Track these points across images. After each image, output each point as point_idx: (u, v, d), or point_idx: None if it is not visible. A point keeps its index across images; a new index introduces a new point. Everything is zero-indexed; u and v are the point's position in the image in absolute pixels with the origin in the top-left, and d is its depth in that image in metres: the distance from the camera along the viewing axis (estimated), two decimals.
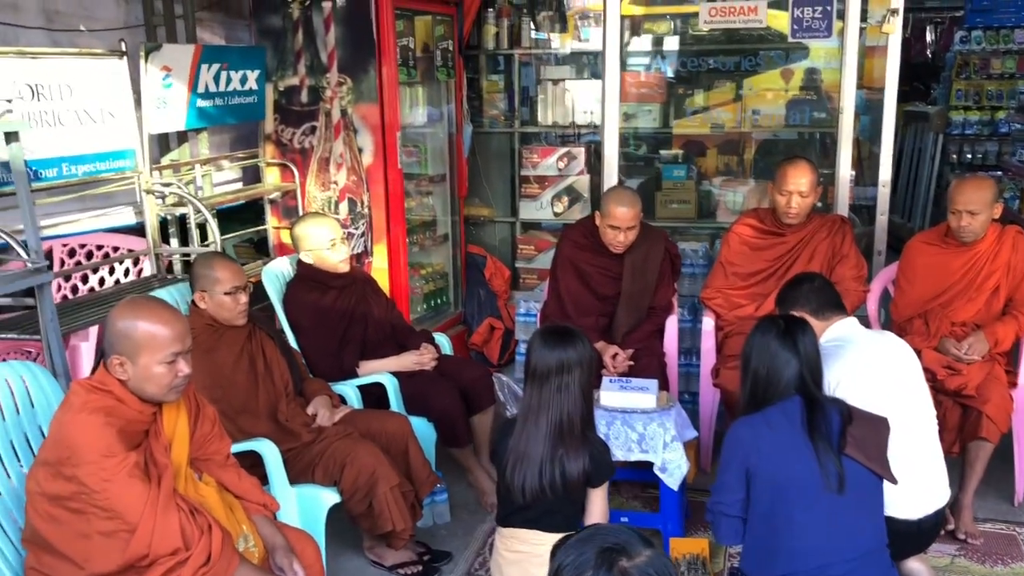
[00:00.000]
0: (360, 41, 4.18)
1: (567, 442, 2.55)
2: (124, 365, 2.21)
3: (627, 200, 3.70)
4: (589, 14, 5.29)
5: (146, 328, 2.21)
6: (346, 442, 3.04)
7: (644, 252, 3.82)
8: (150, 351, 2.21)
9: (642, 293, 3.86)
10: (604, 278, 3.85)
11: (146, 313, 2.24)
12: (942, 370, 3.46)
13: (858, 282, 3.81)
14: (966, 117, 8.45)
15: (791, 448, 2.34)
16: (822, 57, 5.16)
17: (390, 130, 4.26)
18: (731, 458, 2.42)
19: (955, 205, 3.60)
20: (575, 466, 2.54)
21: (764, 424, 2.40)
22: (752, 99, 5.15)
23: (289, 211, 4.49)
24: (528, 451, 2.56)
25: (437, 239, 5.02)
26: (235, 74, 4.08)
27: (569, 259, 3.89)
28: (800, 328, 2.50)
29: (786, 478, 2.33)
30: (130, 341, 2.20)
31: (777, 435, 2.37)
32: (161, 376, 2.24)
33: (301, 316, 3.61)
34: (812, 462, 2.32)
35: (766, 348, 2.47)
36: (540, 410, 2.57)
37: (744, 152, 5.41)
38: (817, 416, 2.37)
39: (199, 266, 3.08)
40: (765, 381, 2.45)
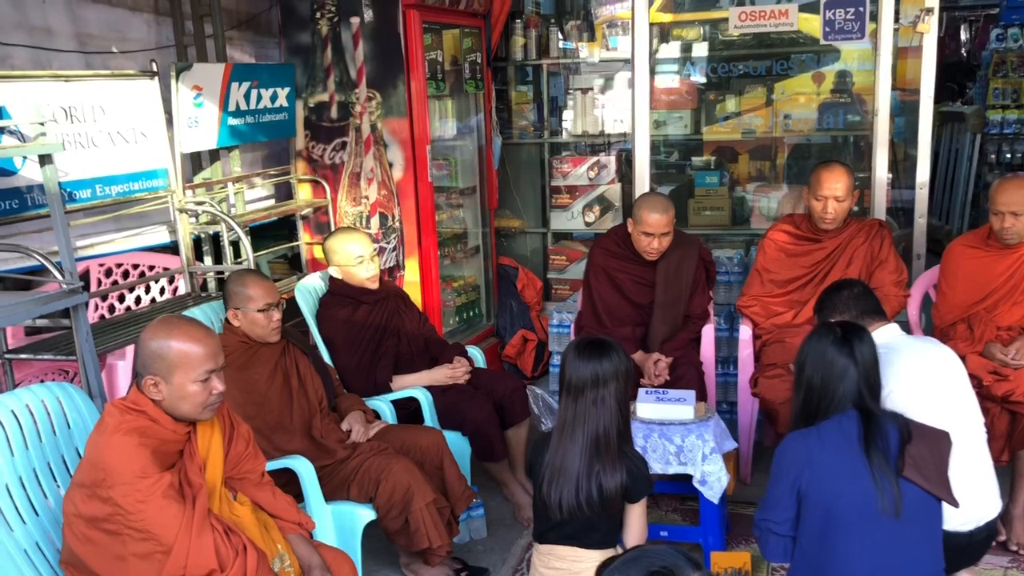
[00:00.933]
0: (389, 56, 4.19)
1: (604, 456, 2.51)
2: (159, 385, 2.21)
3: (660, 206, 3.65)
4: (617, 23, 5.27)
5: (179, 347, 2.21)
6: (381, 458, 3.02)
7: (677, 259, 3.77)
8: (184, 370, 2.21)
9: (676, 301, 3.81)
10: (637, 286, 3.80)
11: (179, 332, 2.24)
12: (988, 376, 3.37)
13: (898, 287, 3.74)
14: (1004, 116, 8.28)
15: (846, 468, 2.23)
16: (854, 59, 5.09)
17: (420, 144, 4.26)
18: (781, 475, 2.32)
19: (997, 206, 3.51)
20: (612, 481, 2.51)
21: (817, 440, 2.29)
22: (783, 103, 5.10)
23: (321, 227, 4.50)
24: (564, 466, 2.53)
25: (468, 251, 5.01)
26: (265, 92, 4.10)
27: (601, 267, 3.86)
28: (858, 335, 2.38)
29: (840, 500, 2.22)
30: (164, 361, 2.20)
31: (831, 453, 2.26)
32: (196, 394, 2.24)
33: (334, 332, 3.61)
34: (868, 484, 2.20)
35: (821, 356, 2.35)
36: (576, 424, 2.54)
37: (776, 157, 5.34)
38: (874, 433, 2.26)
39: (232, 284, 3.08)
40: (820, 392, 2.34)
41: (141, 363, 2.22)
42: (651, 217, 3.63)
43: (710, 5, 5.32)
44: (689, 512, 3.64)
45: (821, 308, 3.00)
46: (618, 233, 3.90)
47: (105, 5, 3.79)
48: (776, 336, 3.81)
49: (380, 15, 4.16)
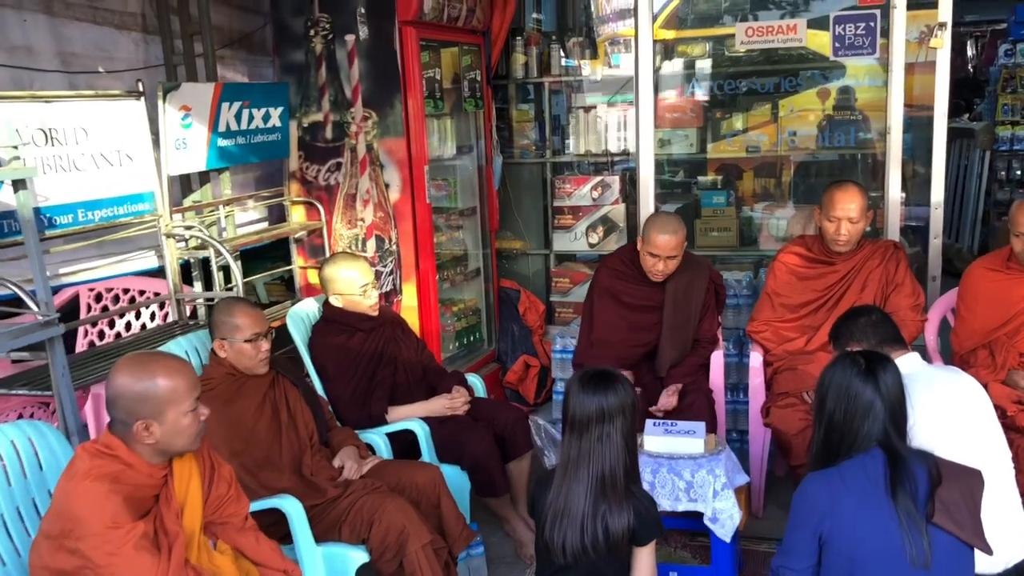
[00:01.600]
0: (385, 74, 4.06)
1: (610, 497, 2.37)
2: (151, 427, 2.10)
3: (670, 227, 3.51)
4: (619, 40, 5.15)
5: (167, 384, 2.11)
6: (374, 497, 2.86)
7: (686, 281, 3.63)
8: (176, 405, 2.12)
9: (685, 325, 3.67)
10: (644, 308, 3.66)
11: (160, 369, 2.12)
12: (1012, 405, 3.21)
13: (915, 311, 3.59)
14: (1014, 132, 8.16)
15: (872, 514, 2.06)
16: (861, 75, 4.96)
17: (417, 164, 4.12)
18: (802, 521, 2.15)
19: (1019, 227, 3.37)
20: (619, 523, 2.37)
21: (840, 483, 2.12)
22: (788, 120, 4.98)
23: (315, 250, 4.36)
24: (568, 506, 2.39)
25: (468, 274, 4.86)
26: (257, 112, 3.97)
27: (607, 289, 3.72)
28: (883, 365, 2.21)
29: (865, 550, 2.05)
30: (153, 401, 2.09)
31: (856, 498, 2.09)
32: (189, 426, 2.16)
33: (326, 360, 3.46)
34: (895, 532, 2.04)
35: (845, 389, 2.18)
36: (580, 462, 2.41)
37: (782, 175, 5.21)
38: (902, 475, 2.08)
39: (218, 313, 2.94)
40: (842, 428, 2.17)
41: (125, 410, 2.09)
42: (659, 238, 3.49)
43: (713, 21, 5.20)
44: (699, 549, 3.47)
45: (837, 336, 2.86)
46: (626, 252, 3.77)
47: (90, 23, 3.67)
48: (788, 363, 3.67)
49: (376, 33, 4.04)
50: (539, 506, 2.49)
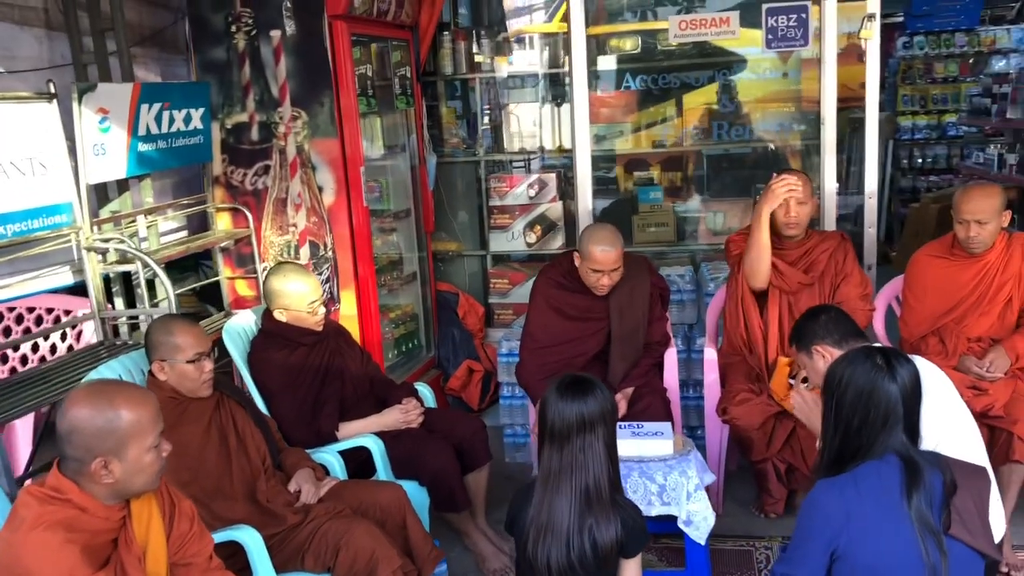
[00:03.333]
0: (315, 71, 3.85)
1: (596, 509, 2.29)
2: (110, 466, 1.87)
3: (608, 239, 3.37)
4: (523, 36, 5.08)
5: (130, 416, 1.90)
6: (338, 522, 2.68)
7: (629, 289, 3.52)
8: (139, 440, 1.91)
9: (634, 333, 3.56)
10: (587, 319, 3.54)
11: (122, 400, 1.91)
12: (967, 391, 3.24)
13: (864, 301, 3.60)
14: (915, 122, 8.47)
15: (889, 527, 1.95)
16: (762, 68, 5.04)
17: (353, 165, 3.93)
18: (814, 532, 2.01)
19: (962, 215, 3.42)
20: (607, 535, 2.28)
21: (855, 492, 1.98)
22: (691, 116, 5.06)
23: (243, 259, 4.11)
24: (552, 521, 2.29)
25: (405, 279, 4.68)
26: (178, 113, 3.70)
27: (547, 300, 3.57)
28: (902, 365, 2.04)
29: (884, 563, 1.94)
30: (114, 436, 1.87)
31: (873, 508, 1.97)
32: (152, 463, 1.95)
33: (269, 377, 3.25)
34: (914, 544, 1.93)
35: (868, 392, 2.02)
36: (562, 474, 2.31)
37: (687, 169, 5.26)
38: (919, 485, 1.97)
39: (156, 332, 2.70)
40: (857, 433, 2.03)
41: (82, 447, 1.86)
42: (600, 253, 3.36)
43: (615, 18, 5.21)
44: (667, 552, 3.40)
45: (800, 336, 2.82)
46: (563, 265, 3.60)
47: None
48: (738, 356, 3.63)
49: (303, 28, 3.82)
50: (520, 522, 2.38)
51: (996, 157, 5.97)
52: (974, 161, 6.61)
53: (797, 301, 3.54)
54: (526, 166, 5.12)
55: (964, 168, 7.19)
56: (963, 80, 8.22)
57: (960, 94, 8.20)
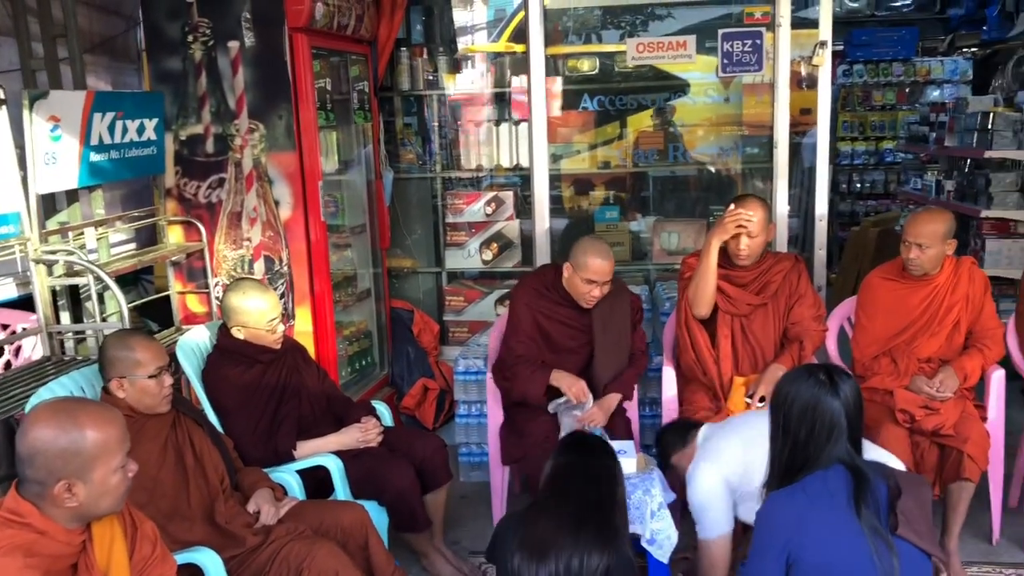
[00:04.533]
0: (273, 83, 3.79)
1: (589, 534, 2.30)
2: (74, 488, 1.80)
3: (604, 251, 3.42)
4: (470, 56, 5.11)
5: (96, 436, 1.82)
6: (300, 543, 2.62)
7: (610, 303, 3.54)
8: (105, 461, 1.84)
9: (618, 344, 3.57)
10: (570, 331, 3.54)
11: (87, 419, 1.83)
12: (920, 410, 3.33)
13: (817, 322, 3.65)
14: (853, 148, 8.70)
15: (839, 531, 2.03)
16: (701, 92, 5.15)
17: (311, 179, 3.87)
18: (769, 542, 2.09)
19: (906, 236, 3.51)
20: (597, 562, 2.27)
21: (805, 500, 2.08)
22: (632, 138, 5.14)
23: (195, 273, 4.02)
24: (542, 545, 2.28)
25: (359, 295, 4.62)
26: (131, 123, 3.61)
27: (529, 307, 3.55)
28: (843, 379, 2.15)
29: (836, 566, 2.02)
30: (80, 458, 1.80)
31: (822, 514, 2.05)
32: (119, 484, 1.88)
33: (225, 395, 3.17)
34: (864, 547, 2.01)
35: (811, 407, 2.11)
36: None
37: (632, 190, 5.34)
38: (865, 491, 2.06)
39: (113, 348, 2.61)
40: (804, 446, 2.11)
41: (44, 468, 1.78)
42: (597, 264, 3.38)
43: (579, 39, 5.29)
44: None
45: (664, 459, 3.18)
46: (545, 277, 3.61)
47: None
48: (694, 373, 3.66)
49: (262, 39, 3.76)
50: (504, 549, 2.36)
51: (934, 183, 6.15)
52: (912, 187, 6.80)
53: (750, 323, 3.58)
54: (476, 183, 5.11)
55: (902, 193, 7.40)
56: (900, 108, 8.47)
57: (897, 121, 8.45)
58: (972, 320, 3.53)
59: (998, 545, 3.51)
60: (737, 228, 3.45)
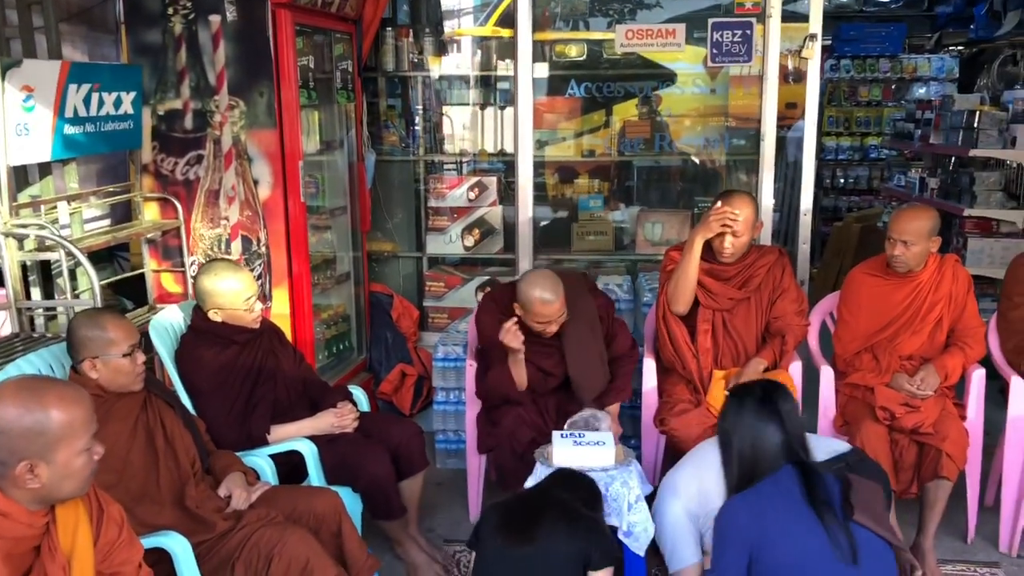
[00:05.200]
0: (254, 60, 3.71)
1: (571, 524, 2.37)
2: (36, 470, 1.74)
3: (549, 289, 3.22)
4: (455, 39, 5.04)
5: (60, 416, 1.76)
6: (271, 529, 2.56)
7: (577, 331, 3.39)
8: (69, 442, 1.78)
9: (596, 360, 3.45)
10: (541, 355, 3.40)
11: (52, 398, 1.77)
12: (900, 408, 3.32)
13: (800, 316, 3.62)
14: (839, 143, 8.70)
15: (795, 524, 2.14)
16: (689, 83, 5.11)
17: (291, 159, 3.80)
18: (729, 541, 2.20)
19: (891, 233, 3.49)
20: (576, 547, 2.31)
21: (758, 499, 2.20)
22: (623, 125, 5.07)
23: (170, 251, 3.94)
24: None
25: (338, 278, 4.55)
26: (108, 96, 3.53)
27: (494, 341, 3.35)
28: (779, 393, 2.38)
29: (795, 559, 2.10)
30: (43, 438, 1.74)
31: (777, 511, 2.17)
32: (83, 467, 1.82)
33: (198, 376, 3.10)
34: (821, 536, 2.11)
35: (746, 423, 2.33)
36: None
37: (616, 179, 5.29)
38: (815, 484, 2.19)
39: (84, 327, 2.54)
40: (751, 460, 2.30)
41: (6, 449, 1.73)
42: (543, 308, 3.23)
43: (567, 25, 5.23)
44: None
45: None
46: (502, 302, 3.44)
47: None
48: (674, 366, 3.63)
49: (244, 14, 3.67)
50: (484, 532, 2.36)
51: (918, 181, 6.15)
52: (896, 183, 6.80)
53: (732, 317, 3.55)
54: (459, 168, 5.05)
55: (885, 190, 7.40)
56: (886, 104, 8.48)
57: (882, 117, 8.46)
58: (954, 318, 3.52)
59: (973, 544, 3.51)
60: (722, 227, 3.41)
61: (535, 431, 3.32)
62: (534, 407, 3.40)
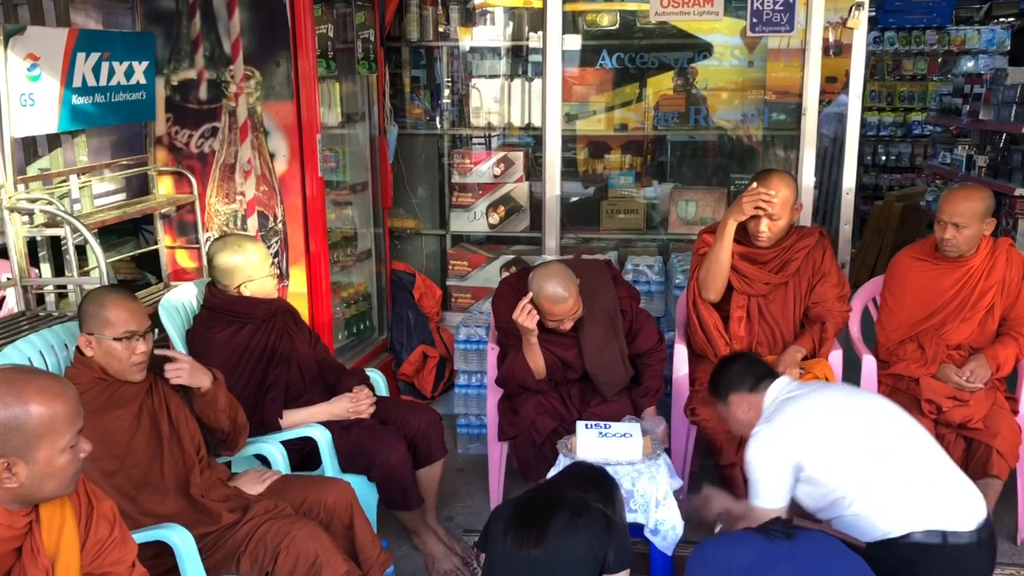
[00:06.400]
0: (272, 28, 3.57)
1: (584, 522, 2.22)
2: (15, 468, 1.62)
3: (560, 286, 3.03)
4: (488, 10, 4.82)
5: (41, 412, 1.64)
6: (279, 522, 2.44)
7: (595, 328, 3.21)
8: (51, 439, 1.66)
9: (614, 360, 3.25)
10: (560, 345, 3.23)
11: (32, 392, 1.64)
12: (947, 401, 3.14)
13: (841, 302, 3.43)
14: (880, 119, 8.40)
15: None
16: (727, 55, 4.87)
17: (308, 132, 3.65)
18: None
19: (941, 215, 3.29)
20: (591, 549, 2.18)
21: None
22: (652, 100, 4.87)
23: (185, 227, 3.82)
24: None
25: (358, 256, 4.41)
26: (119, 65, 3.39)
27: (512, 331, 3.21)
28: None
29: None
30: (22, 435, 1.62)
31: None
32: (67, 466, 1.70)
33: (210, 358, 2.94)
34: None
35: None
36: None
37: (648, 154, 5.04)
38: None
39: (88, 303, 2.43)
40: None
41: None
42: (553, 307, 3.05)
43: None
44: None
45: (717, 388, 2.76)
46: (517, 288, 3.24)
47: None
48: (706, 353, 3.45)
49: None
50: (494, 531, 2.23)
51: (965, 158, 5.88)
52: (940, 161, 6.52)
53: (768, 303, 3.38)
54: (487, 143, 4.86)
55: (929, 167, 7.12)
56: (931, 78, 8.16)
57: (927, 92, 8.14)
58: (1007, 306, 3.32)
59: (1023, 545, 3.32)
60: (756, 209, 3.21)
61: (557, 420, 3.18)
62: (556, 394, 3.25)
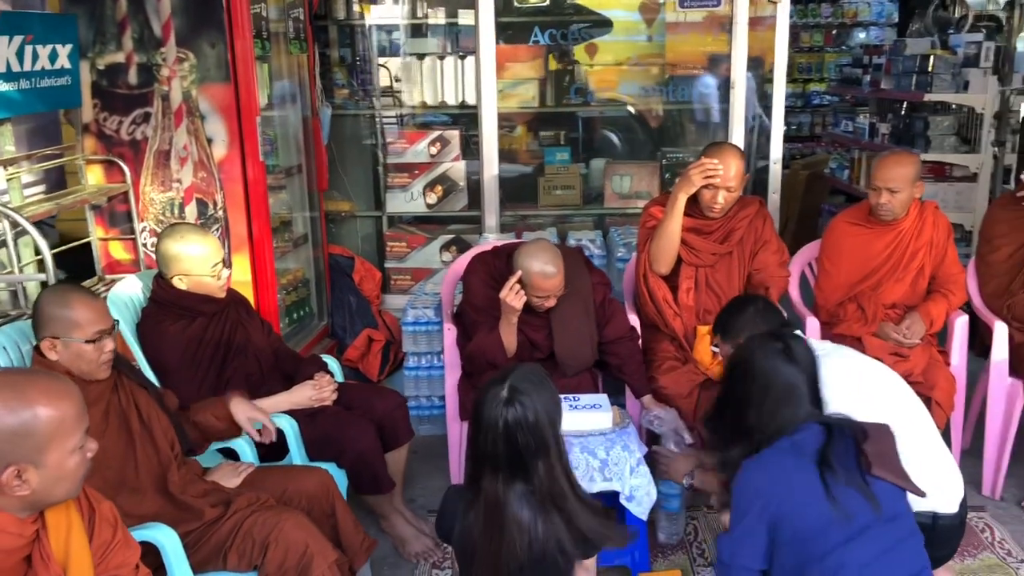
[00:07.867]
0: (204, 8, 3.43)
1: (557, 509, 2.10)
2: (24, 474, 1.54)
3: (551, 262, 3.05)
4: None
5: (49, 414, 1.56)
6: (265, 514, 2.40)
7: (569, 308, 3.21)
8: (60, 441, 1.59)
9: (583, 343, 3.26)
10: (531, 326, 3.23)
11: (38, 394, 1.57)
12: (889, 357, 3.29)
13: (782, 268, 3.56)
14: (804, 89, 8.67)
15: (815, 488, 2.04)
16: (624, 31, 4.96)
17: (247, 115, 3.54)
18: (749, 508, 2.09)
19: (874, 181, 3.44)
20: (570, 533, 2.10)
21: (778, 463, 2.11)
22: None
23: (117, 218, 3.66)
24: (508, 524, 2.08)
25: (295, 241, 4.32)
26: (43, 49, 3.21)
27: (485, 301, 3.22)
28: (799, 344, 2.25)
29: (819, 519, 2.02)
30: (31, 440, 1.54)
31: (801, 474, 2.07)
32: (76, 468, 1.63)
33: (165, 353, 2.88)
34: (844, 493, 2.03)
35: (767, 374, 2.18)
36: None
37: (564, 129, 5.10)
38: (837, 442, 2.10)
39: (49, 304, 2.31)
40: (772, 415, 2.16)
41: None
42: (543, 282, 3.05)
43: None
44: None
45: (726, 329, 2.80)
46: (495, 266, 3.26)
47: None
48: (657, 323, 3.54)
49: None
50: (462, 532, 2.15)
51: (868, 126, 6.15)
52: (843, 129, 6.80)
53: (714, 272, 3.47)
54: (418, 123, 4.79)
55: (829, 136, 7.42)
56: (827, 50, 8.48)
57: (824, 64, 8.46)
58: (936, 265, 3.51)
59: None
60: (706, 180, 3.29)
61: None
62: None
